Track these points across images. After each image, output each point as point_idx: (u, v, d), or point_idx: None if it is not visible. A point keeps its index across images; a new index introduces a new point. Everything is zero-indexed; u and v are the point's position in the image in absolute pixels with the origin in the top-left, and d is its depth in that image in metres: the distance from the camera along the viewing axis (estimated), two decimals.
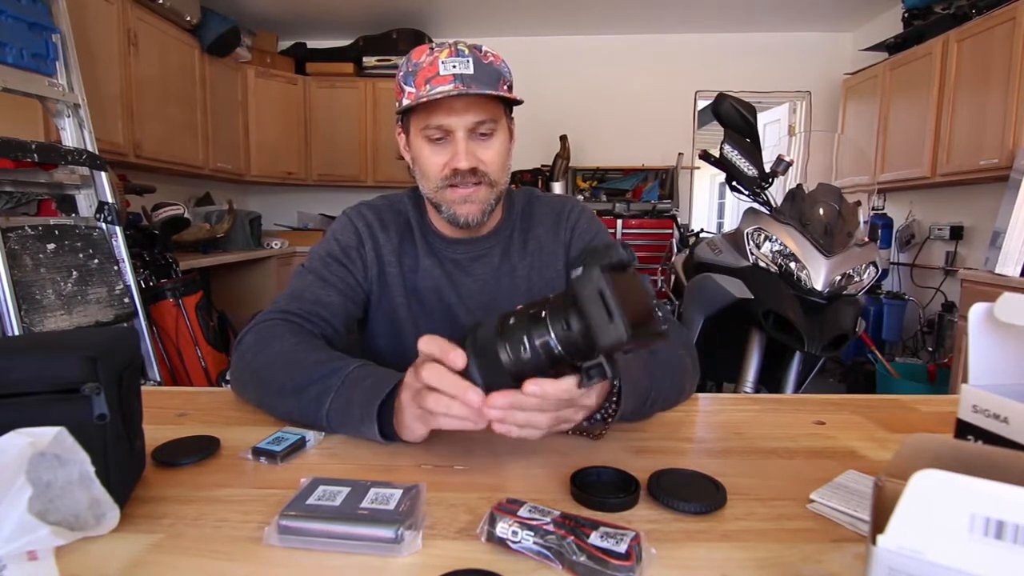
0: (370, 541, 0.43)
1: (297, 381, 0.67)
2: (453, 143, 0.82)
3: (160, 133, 3.07)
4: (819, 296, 1.74)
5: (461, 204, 0.85)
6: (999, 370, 0.46)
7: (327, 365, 0.67)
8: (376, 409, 0.60)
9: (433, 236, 0.94)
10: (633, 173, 4.49)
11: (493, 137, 0.84)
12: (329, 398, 0.64)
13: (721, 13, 4.03)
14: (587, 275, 0.46)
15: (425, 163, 0.84)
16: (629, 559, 0.39)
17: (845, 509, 0.49)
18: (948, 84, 3.00)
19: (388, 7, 3.96)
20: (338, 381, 0.64)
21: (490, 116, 0.82)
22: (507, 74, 0.85)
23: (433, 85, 0.78)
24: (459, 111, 0.80)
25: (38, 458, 0.40)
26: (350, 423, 0.63)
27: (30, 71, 1.77)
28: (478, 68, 0.80)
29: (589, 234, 0.97)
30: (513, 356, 0.49)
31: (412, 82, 0.81)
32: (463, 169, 0.81)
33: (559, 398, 0.51)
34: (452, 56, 0.79)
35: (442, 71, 0.78)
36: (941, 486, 0.26)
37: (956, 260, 3.24)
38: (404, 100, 0.82)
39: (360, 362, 0.67)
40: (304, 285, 0.86)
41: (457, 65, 0.79)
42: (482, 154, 0.83)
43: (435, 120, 0.80)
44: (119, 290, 1.95)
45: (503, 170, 0.87)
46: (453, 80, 0.78)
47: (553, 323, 0.48)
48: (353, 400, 0.63)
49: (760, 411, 0.78)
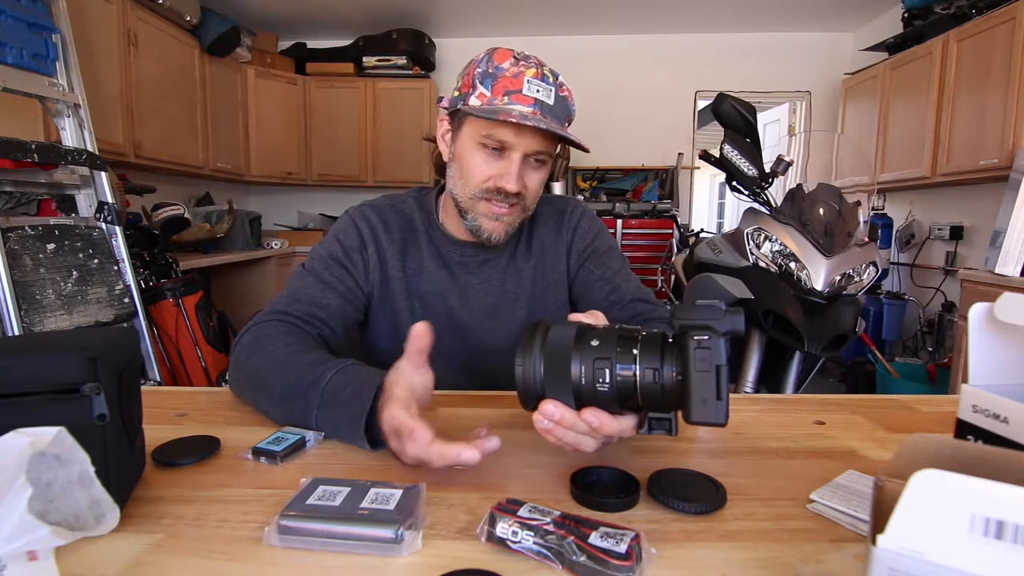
0: (370, 541, 0.43)
1: (284, 389, 0.67)
2: (507, 161, 0.81)
3: (160, 133, 3.07)
4: (819, 296, 1.74)
5: (491, 220, 0.85)
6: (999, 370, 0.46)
7: (310, 372, 0.66)
8: (363, 430, 0.60)
9: (441, 238, 0.94)
10: (633, 173, 4.49)
11: (543, 167, 0.85)
12: (313, 415, 0.64)
13: (721, 13, 4.03)
14: (712, 343, 0.43)
15: (472, 169, 0.83)
16: (629, 559, 0.39)
17: (845, 509, 0.49)
18: (948, 84, 3.00)
19: (388, 7, 3.96)
20: (316, 398, 0.64)
21: (549, 149, 0.82)
22: (574, 112, 0.85)
23: (513, 101, 0.78)
24: (526, 135, 0.79)
25: (38, 458, 0.40)
26: (340, 437, 0.63)
27: (30, 71, 1.77)
28: (556, 100, 0.80)
29: (590, 235, 0.97)
30: (587, 377, 0.47)
31: (489, 86, 0.79)
32: (510, 191, 0.81)
33: (611, 434, 0.51)
34: (538, 78, 0.79)
35: (525, 90, 0.78)
36: (941, 486, 0.26)
37: (956, 260, 3.24)
38: (474, 99, 0.80)
39: (337, 367, 0.65)
40: (303, 286, 0.85)
41: (541, 90, 0.79)
42: (529, 181, 0.84)
43: (500, 134, 0.79)
44: (119, 290, 1.94)
45: (537, 197, 0.88)
46: (534, 104, 0.78)
47: (644, 363, 0.46)
48: (336, 419, 0.62)
49: (760, 411, 0.78)
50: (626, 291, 0.91)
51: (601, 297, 0.92)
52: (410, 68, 4.26)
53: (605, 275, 0.93)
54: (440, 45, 4.45)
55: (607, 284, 0.92)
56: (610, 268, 0.94)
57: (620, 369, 0.47)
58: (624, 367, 0.47)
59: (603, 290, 0.92)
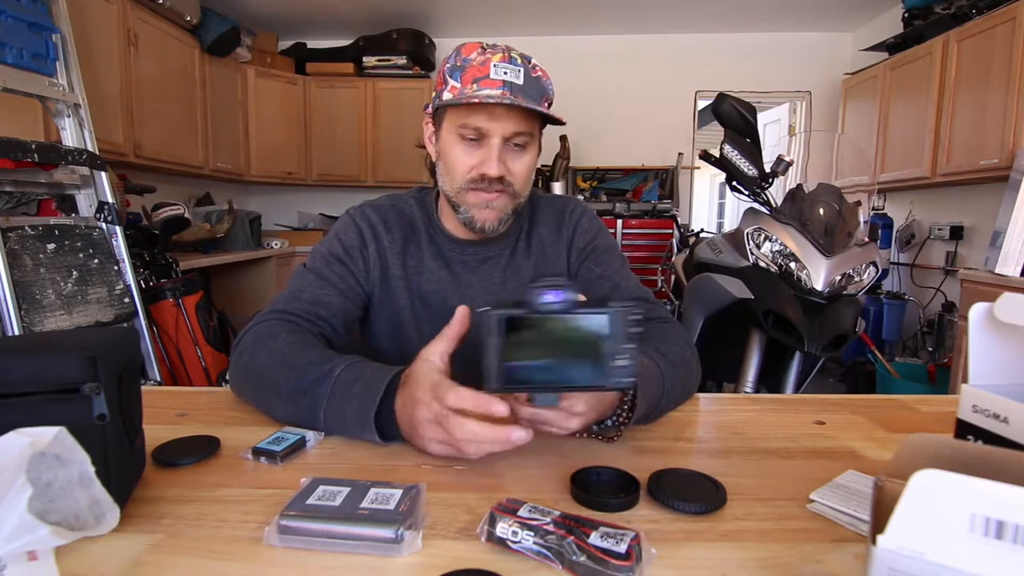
0: (370, 541, 0.43)
1: (290, 386, 0.67)
2: (486, 148, 0.81)
3: (160, 133, 3.07)
4: (819, 296, 1.74)
5: (481, 209, 0.85)
6: (999, 370, 0.46)
7: (317, 369, 0.66)
8: (372, 418, 0.60)
9: (442, 237, 0.94)
10: (633, 173, 4.49)
11: (525, 150, 0.84)
12: (322, 409, 0.64)
13: (721, 13, 4.03)
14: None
15: (454, 162, 0.84)
16: (629, 559, 0.39)
17: (845, 509, 0.49)
18: (948, 84, 3.00)
19: (388, 7, 3.96)
20: (326, 390, 0.64)
21: (528, 129, 0.82)
22: (551, 91, 0.85)
23: (481, 86, 0.78)
24: (500, 118, 0.79)
25: (38, 458, 0.40)
26: (348, 431, 0.63)
27: (30, 71, 1.77)
28: (527, 80, 0.80)
29: (591, 233, 0.97)
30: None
31: (459, 77, 0.80)
32: (491, 176, 0.81)
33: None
34: (505, 61, 0.79)
35: (492, 74, 0.78)
36: (941, 486, 0.26)
37: (956, 260, 3.24)
38: (446, 93, 0.81)
39: (347, 362, 0.66)
40: (304, 285, 0.86)
41: (508, 72, 0.79)
42: (512, 165, 0.83)
43: (474, 121, 0.80)
44: (119, 290, 1.94)
45: (527, 183, 0.87)
46: (502, 86, 0.78)
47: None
48: (345, 409, 0.62)
49: (760, 411, 0.78)
50: (626, 289, 0.92)
51: (601, 295, 0.92)
52: (410, 68, 4.26)
53: (605, 273, 0.93)
54: (440, 45, 4.45)
55: (607, 282, 0.92)
56: (610, 266, 0.94)
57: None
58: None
59: (603, 288, 0.92)
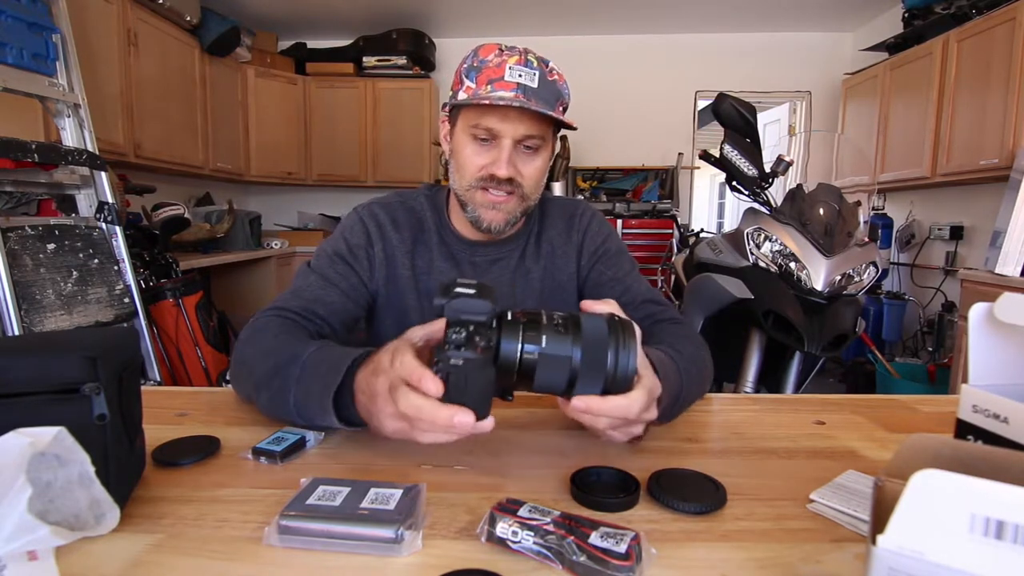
0: (370, 541, 0.43)
1: (266, 370, 0.65)
2: (498, 149, 0.82)
3: (160, 133, 3.07)
4: (819, 296, 1.74)
5: (489, 209, 0.85)
6: (999, 370, 0.46)
7: (290, 352, 0.64)
8: (331, 401, 0.57)
9: (452, 237, 0.94)
10: (633, 173, 4.49)
11: (537, 153, 0.84)
12: (291, 392, 0.61)
13: (721, 13, 4.03)
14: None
15: (465, 160, 0.84)
16: (629, 559, 0.39)
17: (845, 509, 0.49)
18: (948, 84, 3.00)
19: (388, 7, 3.96)
20: (296, 370, 0.62)
21: (540, 132, 0.82)
22: (566, 96, 0.85)
23: (495, 88, 0.78)
24: (512, 120, 0.80)
25: (38, 458, 0.40)
26: (314, 415, 0.60)
27: (30, 71, 1.77)
28: (542, 83, 0.80)
29: (601, 237, 0.97)
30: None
31: (474, 78, 0.80)
32: (501, 177, 0.82)
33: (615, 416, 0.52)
34: (520, 64, 0.79)
35: (507, 77, 0.78)
36: (941, 486, 0.26)
37: (956, 260, 3.24)
38: (461, 93, 0.82)
39: (318, 345, 0.64)
40: (306, 284, 0.85)
41: (523, 75, 0.79)
42: (523, 167, 0.83)
43: (487, 122, 0.80)
44: (119, 290, 1.94)
45: (538, 186, 0.87)
46: (516, 88, 0.78)
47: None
48: (311, 391, 0.60)
49: (760, 411, 0.78)
50: (637, 292, 0.92)
51: (613, 298, 0.91)
52: (410, 68, 4.26)
53: (616, 275, 0.94)
54: (440, 45, 4.45)
55: (619, 285, 0.92)
56: (621, 269, 0.95)
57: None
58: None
59: (615, 291, 0.92)
